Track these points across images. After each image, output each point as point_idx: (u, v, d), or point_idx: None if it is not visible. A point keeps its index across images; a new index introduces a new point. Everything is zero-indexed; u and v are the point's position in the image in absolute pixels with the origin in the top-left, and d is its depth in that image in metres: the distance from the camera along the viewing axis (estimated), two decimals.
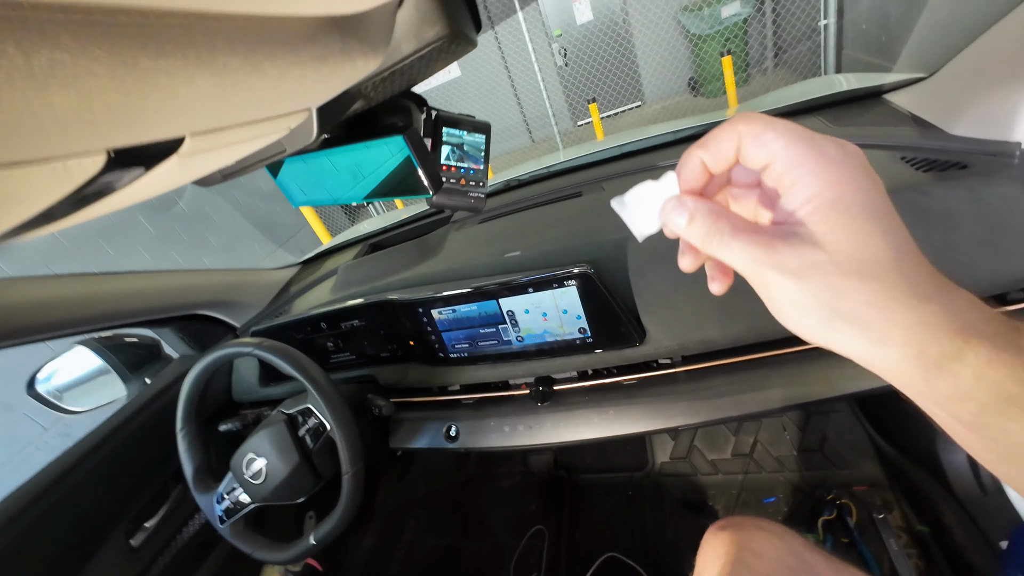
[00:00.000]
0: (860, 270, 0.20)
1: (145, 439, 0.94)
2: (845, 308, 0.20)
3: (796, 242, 0.21)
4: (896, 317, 0.20)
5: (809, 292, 0.21)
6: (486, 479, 1.41)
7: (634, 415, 0.71)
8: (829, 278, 0.20)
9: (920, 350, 0.19)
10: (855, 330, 0.20)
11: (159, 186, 0.23)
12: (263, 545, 0.77)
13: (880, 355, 0.21)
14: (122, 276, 0.88)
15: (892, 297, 0.20)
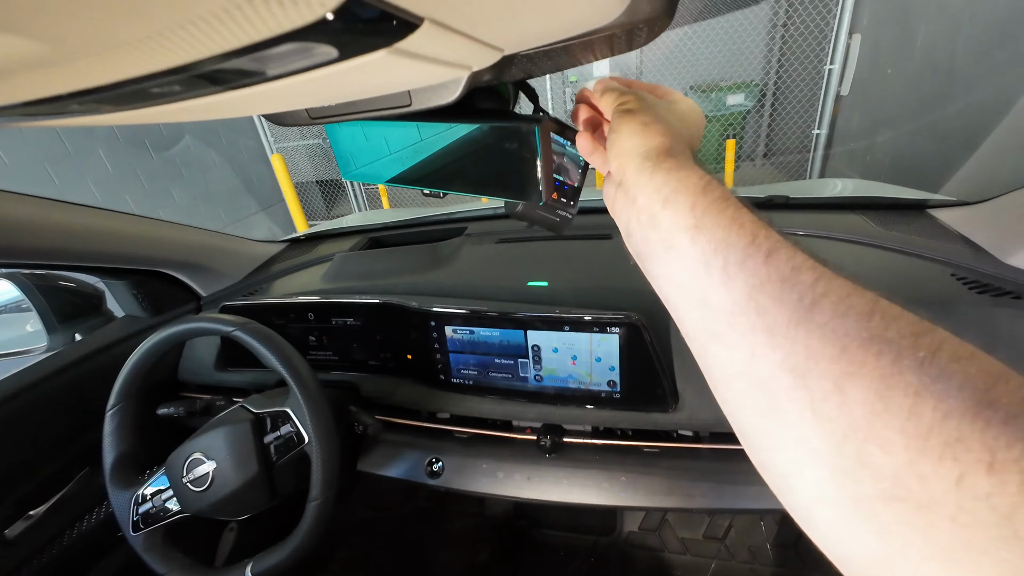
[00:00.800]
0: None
1: (57, 406, 0.78)
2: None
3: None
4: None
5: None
6: (436, 515, 1.28)
7: (649, 487, 0.65)
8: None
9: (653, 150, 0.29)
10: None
11: (303, 92, 0.16)
12: (181, 567, 0.63)
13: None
14: (81, 208, 0.74)
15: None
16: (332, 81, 0.17)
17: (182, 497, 0.62)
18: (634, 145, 0.29)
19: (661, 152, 0.28)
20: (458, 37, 0.15)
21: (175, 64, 0.11)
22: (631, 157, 0.29)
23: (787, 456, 0.20)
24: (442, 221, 1.19)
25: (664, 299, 0.27)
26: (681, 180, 0.26)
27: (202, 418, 0.78)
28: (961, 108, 2.11)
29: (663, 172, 0.27)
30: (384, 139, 0.42)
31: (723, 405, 0.24)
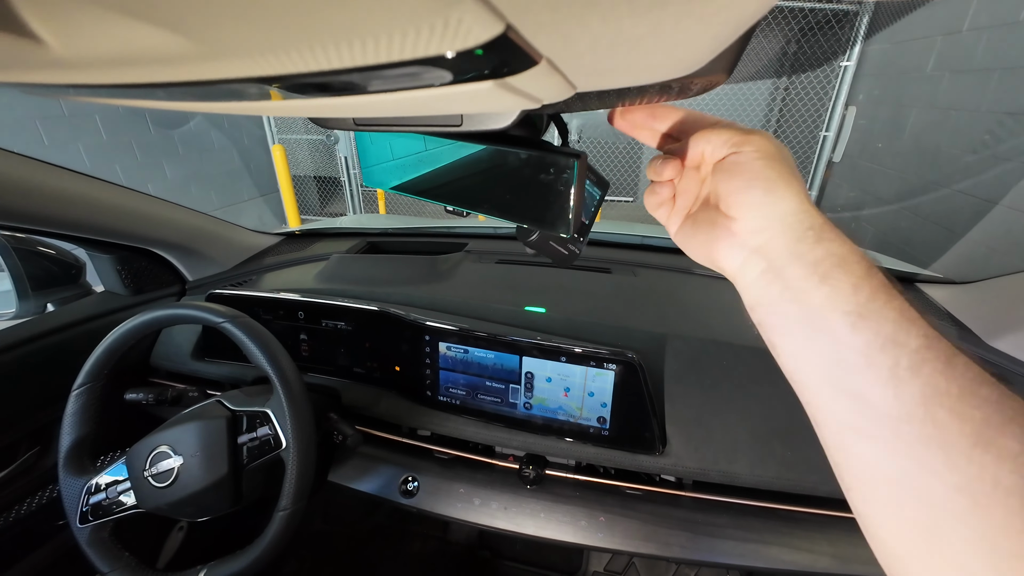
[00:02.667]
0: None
1: (15, 379, 0.73)
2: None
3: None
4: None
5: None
6: (396, 535, 1.24)
7: (627, 530, 0.63)
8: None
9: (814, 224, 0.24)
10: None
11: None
12: (126, 566, 0.59)
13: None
14: (76, 175, 0.71)
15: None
16: (410, 99, 0.17)
17: (140, 491, 0.58)
18: (789, 207, 0.25)
19: (820, 218, 0.24)
20: (558, 77, 0.15)
21: (296, 71, 0.10)
22: (784, 219, 0.25)
23: (934, 559, 0.19)
24: (442, 234, 1.18)
25: (794, 378, 0.24)
26: (844, 257, 0.23)
27: (171, 408, 0.74)
28: (945, 193, 2.22)
29: (826, 244, 0.23)
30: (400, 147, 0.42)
31: (858, 504, 0.22)
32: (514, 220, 0.38)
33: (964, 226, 1.98)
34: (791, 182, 0.25)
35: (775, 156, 0.26)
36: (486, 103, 0.17)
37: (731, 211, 0.27)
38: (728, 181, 0.27)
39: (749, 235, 0.26)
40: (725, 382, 0.64)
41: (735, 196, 0.26)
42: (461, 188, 0.40)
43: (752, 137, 0.27)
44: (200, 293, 0.92)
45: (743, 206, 0.26)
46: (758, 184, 0.25)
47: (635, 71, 0.16)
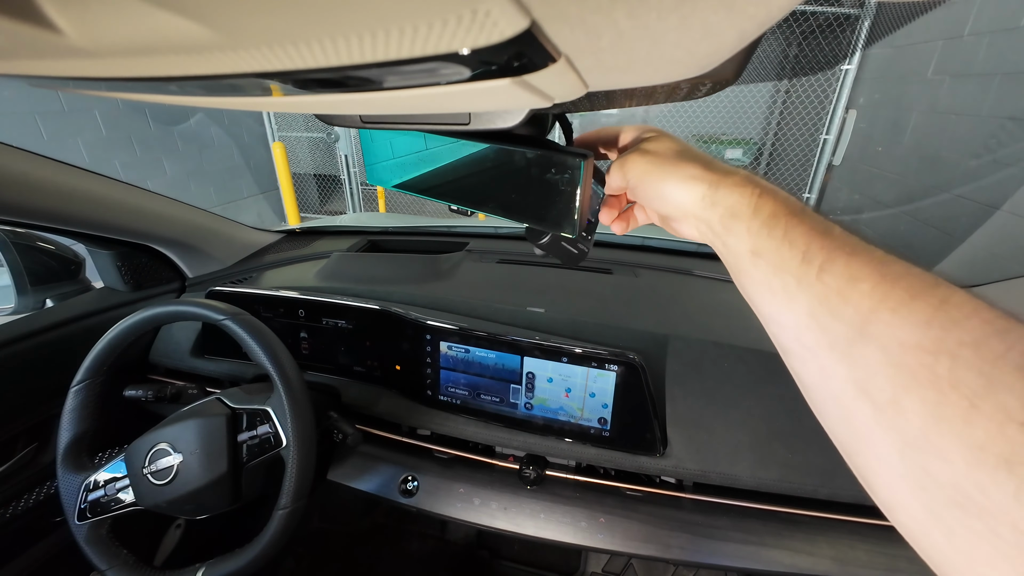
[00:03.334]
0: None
1: (14, 374, 0.73)
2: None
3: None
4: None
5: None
6: (393, 534, 1.23)
7: (627, 531, 0.63)
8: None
9: (703, 192, 0.28)
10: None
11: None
12: (124, 563, 0.58)
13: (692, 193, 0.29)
14: (78, 171, 0.71)
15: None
16: (422, 96, 0.17)
17: (139, 488, 0.58)
18: (680, 194, 0.29)
19: (705, 182, 0.28)
20: (573, 75, 0.14)
21: (316, 65, 0.10)
22: (683, 204, 0.29)
23: (863, 461, 0.21)
24: (443, 233, 1.18)
25: (755, 313, 0.28)
26: (732, 207, 0.26)
27: (170, 405, 0.74)
28: (945, 198, 2.23)
29: (719, 205, 0.27)
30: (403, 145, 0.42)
31: (813, 409, 0.25)
32: (519, 220, 0.38)
33: (964, 231, 1.99)
34: (669, 177, 0.30)
35: (647, 169, 0.31)
36: (498, 101, 0.17)
37: (661, 212, 0.32)
38: (644, 201, 0.33)
39: (680, 219, 0.31)
40: (727, 384, 0.64)
41: (656, 207, 0.32)
42: (466, 187, 0.40)
43: (627, 165, 0.32)
44: (200, 290, 0.92)
45: (664, 209, 0.31)
46: (655, 196, 0.31)
47: (651, 70, 0.16)
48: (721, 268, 0.94)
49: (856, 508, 0.60)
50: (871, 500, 0.63)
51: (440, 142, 0.39)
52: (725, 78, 0.25)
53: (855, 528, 0.60)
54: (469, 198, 0.40)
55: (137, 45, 0.08)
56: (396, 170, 0.43)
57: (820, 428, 0.64)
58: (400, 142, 0.42)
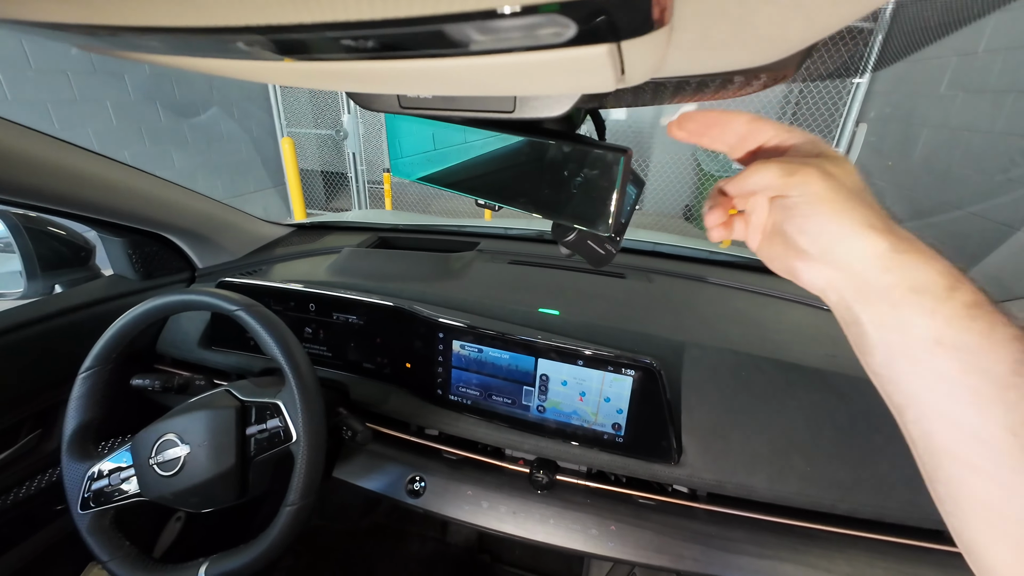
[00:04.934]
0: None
1: (21, 359, 0.72)
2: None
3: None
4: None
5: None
6: (394, 534, 1.22)
7: (639, 540, 0.62)
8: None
9: (881, 251, 0.24)
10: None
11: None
12: (126, 555, 0.57)
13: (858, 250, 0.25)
14: (94, 156, 0.70)
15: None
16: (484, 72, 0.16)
17: (144, 479, 0.57)
18: (849, 241, 0.24)
19: (887, 241, 0.24)
20: (659, 52, 0.14)
21: (389, 16, 0.09)
22: (847, 254, 0.25)
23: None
24: (453, 232, 1.17)
25: (884, 393, 0.25)
26: (917, 281, 0.22)
27: (177, 396, 0.73)
28: (957, 215, 2.21)
29: (896, 271, 0.23)
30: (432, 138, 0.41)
31: (949, 517, 0.23)
32: (552, 217, 0.37)
33: (976, 248, 1.98)
34: (845, 216, 0.25)
35: (823, 196, 0.25)
36: (553, 80, 0.16)
37: (800, 245, 0.27)
38: (786, 222, 0.27)
39: (821, 264, 0.26)
40: (744, 393, 0.63)
41: (796, 236, 0.27)
42: (494, 181, 0.39)
43: (798, 176, 0.26)
44: (210, 281, 0.91)
45: (806, 244, 0.26)
46: (812, 228, 0.26)
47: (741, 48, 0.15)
48: (737, 276, 0.92)
49: (876, 525, 0.58)
50: (891, 517, 0.61)
51: (470, 135, 0.38)
52: (784, 72, 0.24)
53: (874, 545, 0.58)
54: (497, 193, 0.39)
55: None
56: (423, 163, 0.42)
57: (840, 441, 0.62)
58: (427, 134, 0.41)
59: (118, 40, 0.13)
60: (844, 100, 3.27)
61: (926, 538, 0.57)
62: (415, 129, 0.41)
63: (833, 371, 0.63)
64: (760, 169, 0.27)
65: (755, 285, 0.90)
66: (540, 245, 1.10)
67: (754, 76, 0.25)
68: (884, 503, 0.56)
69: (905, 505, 0.56)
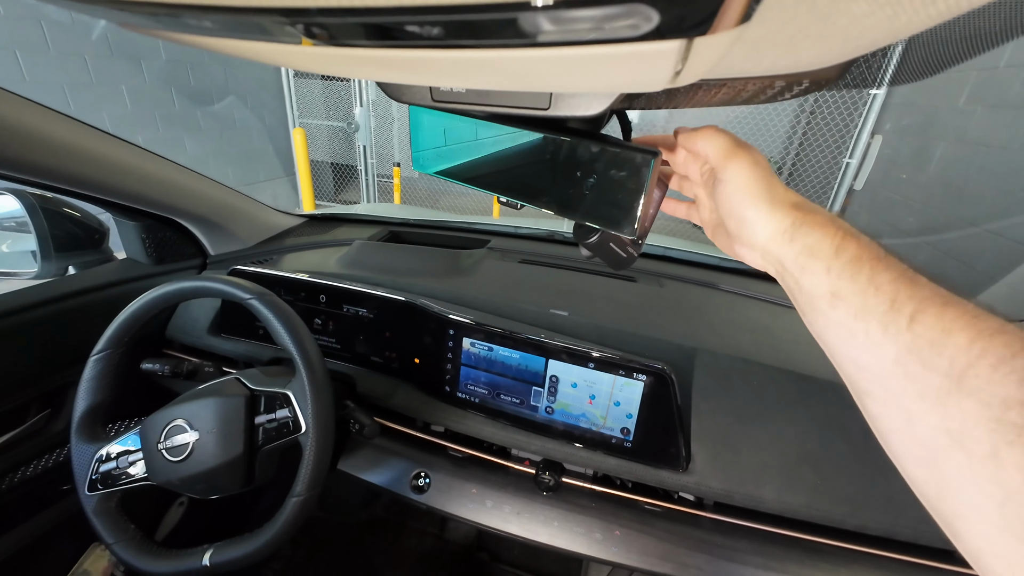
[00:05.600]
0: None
1: (32, 339, 0.72)
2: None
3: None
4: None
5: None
6: (393, 529, 1.22)
7: (643, 546, 0.62)
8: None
9: (785, 227, 0.28)
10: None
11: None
12: (131, 538, 0.57)
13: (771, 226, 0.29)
14: (115, 140, 0.70)
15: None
16: (535, 65, 0.15)
17: (152, 464, 0.57)
18: (766, 220, 0.29)
19: (790, 217, 0.28)
20: (717, 54, 0.13)
21: (447, 3, 0.09)
22: (764, 229, 0.29)
23: (951, 508, 0.21)
24: (463, 229, 1.17)
25: (822, 347, 0.28)
26: (813, 246, 0.26)
27: (185, 382, 0.73)
28: (972, 232, 2.19)
29: (799, 240, 0.27)
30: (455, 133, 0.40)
31: (887, 450, 0.25)
32: (575, 217, 0.37)
33: (989, 265, 1.95)
34: (760, 200, 0.29)
35: (747, 184, 0.29)
36: (623, 75, 0.16)
37: (731, 230, 0.32)
38: (719, 206, 0.32)
39: (751, 245, 0.30)
40: (756, 402, 0.63)
41: (728, 220, 0.31)
42: (518, 179, 0.39)
43: (734, 161, 0.30)
44: (221, 268, 0.91)
45: (736, 228, 0.31)
46: (739, 212, 0.30)
47: (797, 51, 0.15)
48: (748, 284, 0.92)
49: (885, 542, 0.58)
50: (902, 535, 0.60)
51: (494, 131, 0.37)
52: (827, 79, 0.24)
53: (882, 563, 0.57)
54: (520, 190, 0.39)
55: None
56: (445, 158, 0.42)
57: (852, 455, 0.61)
58: (451, 129, 0.40)
59: (170, 20, 0.12)
60: (860, 111, 3.24)
61: (936, 558, 0.57)
62: (439, 123, 0.41)
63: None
64: (710, 135, 0.31)
65: (767, 294, 0.89)
66: (550, 245, 1.10)
67: (796, 82, 0.24)
68: (895, 520, 0.56)
69: (917, 524, 0.55)
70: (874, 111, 3.13)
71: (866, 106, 3.18)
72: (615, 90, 0.22)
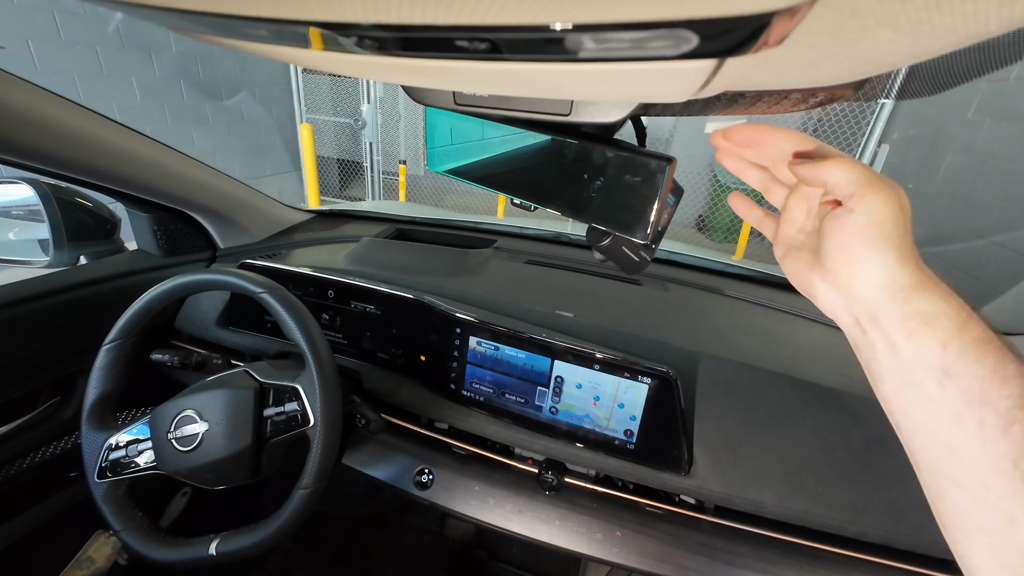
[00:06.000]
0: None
1: (44, 326, 0.73)
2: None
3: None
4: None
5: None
6: (392, 524, 1.23)
7: (643, 548, 0.62)
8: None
9: (903, 284, 0.25)
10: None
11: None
12: (138, 526, 0.58)
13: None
14: (128, 132, 0.71)
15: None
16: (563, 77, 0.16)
17: (161, 453, 0.58)
18: (884, 271, 0.25)
19: (914, 276, 0.24)
20: (744, 71, 0.14)
21: (511, 22, 0.09)
22: (877, 281, 0.25)
23: None
24: (471, 228, 1.18)
25: (892, 420, 0.26)
26: (934, 315, 0.23)
27: (194, 373, 0.74)
28: (979, 244, 2.19)
29: (915, 303, 0.24)
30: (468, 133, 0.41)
31: (953, 544, 0.23)
32: (588, 220, 0.37)
33: (994, 277, 1.95)
34: (890, 246, 0.25)
35: (883, 223, 0.25)
36: (649, 87, 0.16)
37: (828, 263, 0.27)
38: (831, 235, 0.27)
39: (845, 288, 0.27)
40: (758, 408, 0.63)
41: (836, 254, 0.27)
42: (532, 181, 0.39)
43: (875, 194, 0.25)
44: (230, 261, 0.92)
45: (840, 264, 0.26)
46: (857, 251, 0.26)
47: (819, 69, 0.15)
48: (753, 290, 0.92)
49: (884, 550, 0.58)
50: (901, 543, 0.61)
51: (510, 133, 0.38)
52: (843, 93, 0.24)
53: (881, 570, 0.58)
54: (534, 192, 0.39)
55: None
56: (460, 158, 0.43)
57: (853, 463, 0.62)
58: (468, 130, 0.41)
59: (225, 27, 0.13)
60: (868, 119, 3.23)
61: (935, 567, 0.57)
62: (453, 124, 0.42)
63: (848, 392, 0.62)
64: (845, 166, 0.26)
65: (771, 300, 0.89)
66: (556, 246, 1.10)
67: (811, 94, 0.25)
68: (894, 528, 0.56)
69: (916, 532, 0.56)
70: (882, 120, 3.13)
71: (874, 115, 3.17)
72: (639, 100, 0.22)
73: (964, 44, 0.12)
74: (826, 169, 0.27)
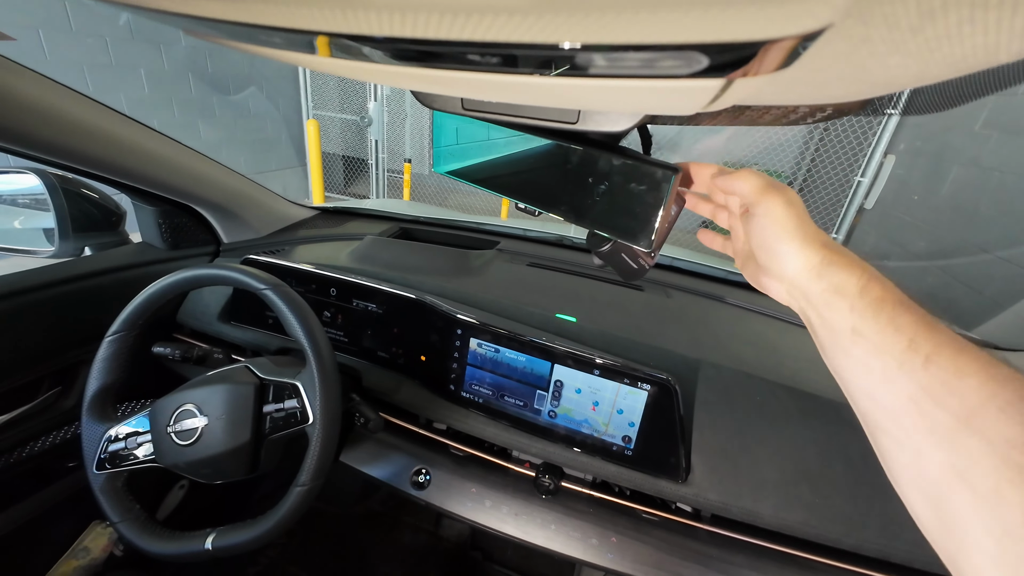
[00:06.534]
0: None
1: (47, 316, 0.73)
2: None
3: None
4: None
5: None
6: (387, 523, 1.23)
7: (638, 554, 0.62)
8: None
9: (814, 264, 0.29)
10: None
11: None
12: (135, 518, 0.58)
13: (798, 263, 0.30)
14: (137, 125, 0.72)
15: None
16: (573, 89, 0.16)
17: (160, 446, 0.58)
18: (798, 256, 0.30)
19: (818, 255, 0.29)
20: (753, 89, 0.14)
21: (540, 40, 0.09)
22: (794, 265, 0.30)
23: (954, 543, 0.22)
24: (475, 229, 1.18)
25: (844, 390, 0.29)
26: (839, 284, 0.28)
27: (195, 367, 0.74)
28: (979, 257, 2.18)
29: (826, 277, 0.28)
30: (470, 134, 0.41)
31: (896, 486, 0.26)
32: (591, 227, 0.37)
33: (997, 292, 1.94)
34: (792, 236, 0.30)
35: (780, 218, 0.31)
36: (658, 101, 0.16)
37: (760, 260, 0.33)
38: (751, 237, 0.33)
39: (780, 276, 0.31)
40: (757, 417, 0.63)
41: (759, 251, 0.33)
42: (537, 187, 0.39)
43: (768, 198, 0.31)
44: (233, 256, 0.93)
45: (766, 259, 0.32)
46: (771, 244, 0.31)
47: (827, 89, 0.15)
48: (755, 299, 0.92)
49: (880, 564, 0.58)
50: (897, 557, 0.61)
51: (507, 133, 0.38)
52: (850, 108, 0.24)
53: None
54: (539, 198, 0.40)
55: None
56: (467, 160, 0.43)
57: (850, 475, 0.61)
58: (475, 133, 0.41)
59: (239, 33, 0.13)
60: (874, 130, 3.23)
61: None
62: (461, 125, 0.42)
63: (848, 404, 0.62)
64: (745, 176, 0.33)
65: (773, 310, 0.89)
66: (559, 249, 1.10)
67: (819, 108, 0.25)
68: (891, 543, 0.56)
69: (912, 547, 0.55)
70: (888, 131, 3.12)
71: (880, 125, 3.17)
72: (648, 112, 0.22)
73: (974, 71, 0.12)
74: (732, 179, 0.33)
